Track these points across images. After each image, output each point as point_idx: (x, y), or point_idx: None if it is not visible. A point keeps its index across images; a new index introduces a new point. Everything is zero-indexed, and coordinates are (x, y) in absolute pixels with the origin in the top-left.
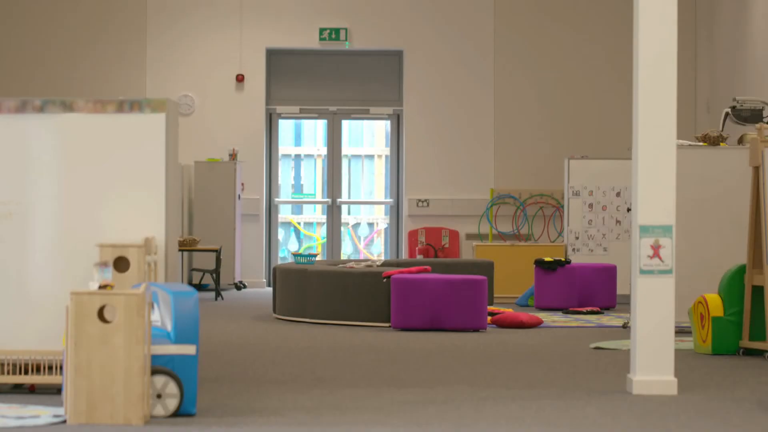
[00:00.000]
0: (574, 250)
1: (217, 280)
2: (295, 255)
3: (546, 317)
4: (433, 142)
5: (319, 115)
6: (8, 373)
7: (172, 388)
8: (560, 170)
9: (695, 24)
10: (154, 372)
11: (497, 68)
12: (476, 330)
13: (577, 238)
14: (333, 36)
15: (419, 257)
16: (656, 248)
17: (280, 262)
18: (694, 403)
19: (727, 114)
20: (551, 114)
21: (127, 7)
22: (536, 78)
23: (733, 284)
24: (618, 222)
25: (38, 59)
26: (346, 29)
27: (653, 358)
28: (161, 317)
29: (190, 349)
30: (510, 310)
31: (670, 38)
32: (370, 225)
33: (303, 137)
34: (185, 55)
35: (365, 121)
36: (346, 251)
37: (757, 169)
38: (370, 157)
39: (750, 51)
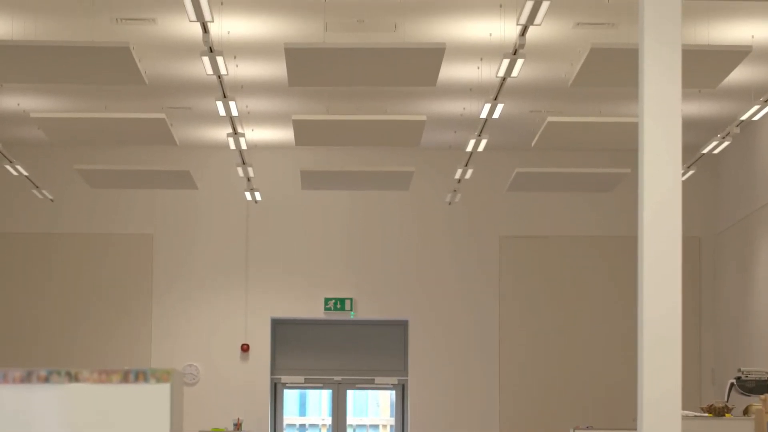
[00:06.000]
0: None
1: None
2: None
3: None
4: (437, 411)
5: (324, 384)
6: None
7: None
8: None
9: (699, 295)
10: None
11: (502, 337)
12: None
13: None
14: (338, 306)
15: None
16: None
17: None
18: None
19: (732, 385)
20: (556, 383)
21: (132, 277)
22: (541, 348)
23: None
24: None
25: (43, 329)
26: (351, 299)
27: None
28: None
29: None
30: None
31: (674, 313)
32: None
33: (308, 407)
34: (190, 324)
35: (370, 391)
36: None
37: None
38: (375, 426)
39: (754, 322)
